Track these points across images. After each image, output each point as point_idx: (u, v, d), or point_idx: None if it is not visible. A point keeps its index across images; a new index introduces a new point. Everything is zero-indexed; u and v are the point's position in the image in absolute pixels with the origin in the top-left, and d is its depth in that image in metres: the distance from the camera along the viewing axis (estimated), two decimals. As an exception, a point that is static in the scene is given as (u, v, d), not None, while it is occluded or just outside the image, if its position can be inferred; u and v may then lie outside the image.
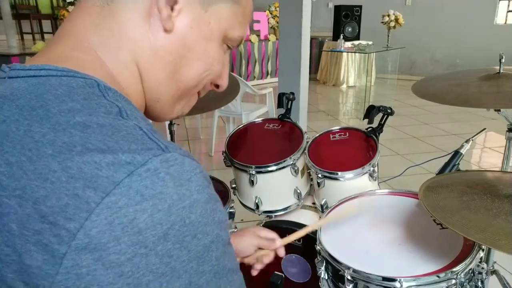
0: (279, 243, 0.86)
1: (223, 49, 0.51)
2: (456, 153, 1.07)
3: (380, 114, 1.22)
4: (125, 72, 0.45)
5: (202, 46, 0.47)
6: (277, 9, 6.54)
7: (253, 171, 1.17)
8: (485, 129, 1.19)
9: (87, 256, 0.28)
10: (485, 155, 3.46)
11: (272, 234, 0.87)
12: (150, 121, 0.49)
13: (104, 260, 0.29)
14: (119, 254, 0.29)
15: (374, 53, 5.05)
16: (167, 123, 1.78)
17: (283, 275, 1.17)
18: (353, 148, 1.25)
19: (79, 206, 0.29)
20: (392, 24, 5.09)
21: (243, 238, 0.85)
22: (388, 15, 5.10)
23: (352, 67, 6.47)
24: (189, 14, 0.45)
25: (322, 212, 1.17)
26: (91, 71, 0.41)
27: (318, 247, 0.93)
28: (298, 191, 1.22)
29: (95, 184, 0.30)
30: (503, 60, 1.11)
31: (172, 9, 0.44)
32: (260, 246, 0.86)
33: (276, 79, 6.04)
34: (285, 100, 1.37)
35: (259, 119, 1.44)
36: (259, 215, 1.25)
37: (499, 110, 1.10)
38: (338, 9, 5.65)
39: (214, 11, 0.47)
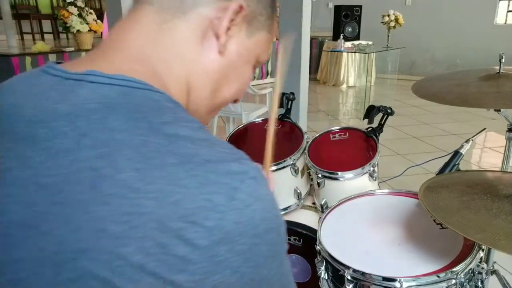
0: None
1: (252, 70, 0.58)
2: (456, 153, 1.07)
3: (380, 114, 1.23)
4: (177, 87, 0.49)
5: (241, 68, 0.54)
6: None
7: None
8: (485, 129, 1.19)
9: (223, 248, 0.36)
10: (485, 155, 3.46)
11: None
12: None
13: (234, 249, 0.36)
14: (243, 244, 0.37)
15: (374, 53, 5.05)
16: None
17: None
18: (353, 148, 1.25)
19: (213, 208, 0.35)
20: (392, 24, 5.09)
21: None
22: (388, 15, 5.10)
23: (352, 67, 6.47)
24: (237, 40, 0.51)
25: (322, 212, 1.17)
26: (154, 84, 0.44)
27: (318, 247, 0.93)
28: (298, 191, 1.22)
29: (221, 190, 0.36)
30: (503, 60, 1.11)
31: (226, 34, 0.49)
32: None
33: (276, 79, 6.03)
34: (285, 100, 1.37)
35: (259, 119, 1.44)
36: (259, 215, 1.25)
37: (499, 110, 1.10)
38: (338, 9, 5.65)
39: (255, 39, 0.53)
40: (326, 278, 0.91)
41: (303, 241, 1.14)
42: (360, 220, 1.00)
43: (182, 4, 0.48)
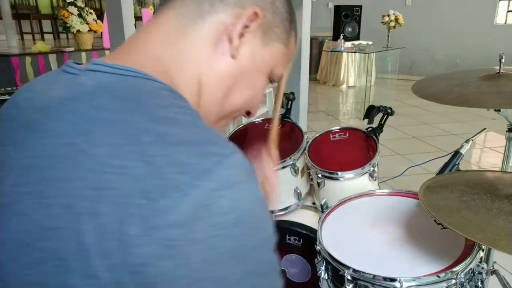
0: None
1: (266, 82, 0.58)
2: (456, 153, 1.07)
3: (380, 114, 1.23)
4: (189, 87, 0.50)
5: (254, 76, 0.55)
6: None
7: (253, 171, 1.17)
8: (485, 129, 1.19)
9: (176, 231, 0.33)
10: (485, 155, 3.46)
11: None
12: None
13: (189, 236, 0.33)
14: (200, 232, 0.34)
15: (374, 53, 5.05)
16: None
17: (283, 275, 1.18)
18: (353, 148, 1.25)
19: (175, 187, 0.34)
20: (392, 24, 5.08)
21: None
22: (388, 15, 5.09)
23: (352, 67, 6.47)
24: (251, 46, 0.52)
25: (322, 212, 1.17)
26: (162, 80, 0.46)
27: (318, 247, 0.93)
28: (298, 191, 1.22)
29: (189, 170, 0.35)
30: (503, 60, 1.11)
31: (240, 40, 0.51)
32: None
33: (276, 79, 6.03)
34: (285, 100, 1.37)
35: (259, 119, 1.44)
36: (259, 215, 1.25)
37: (499, 110, 1.10)
38: (338, 9, 5.65)
39: (270, 48, 0.54)
40: (326, 278, 0.91)
41: (303, 241, 1.14)
42: (360, 220, 1.00)
43: (200, 11, 0.50)
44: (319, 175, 1.15)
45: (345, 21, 5.58)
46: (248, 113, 0.61)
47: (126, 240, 0.33)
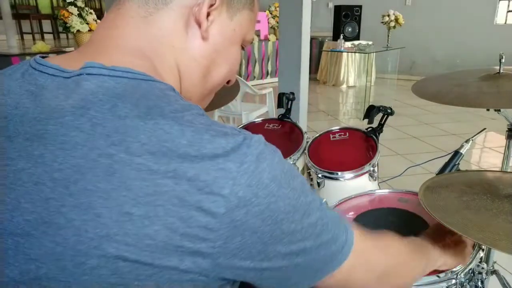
0: None
1: (240, 50, 0.59)
2: (456, 153, 1.07)
3: (380, 114, 1.23)
4: (171, 76, 0.51)
5: (228, 50, 0.55)
6: (277, 9, 6.54)
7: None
8: (485, 129, 1.19)
9: (240, 212, 0.38)
10: (485, 155, 3.46)
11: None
12: None
13: (251, 212, 0.39)
14: (259, 205, 0.39)
15: (374, 53, 5.04)
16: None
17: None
18: (353, 148, 1.25)
19: (226, 176, 0.38)
20: (392, 24, 5.08)
21: None
22: (388, 15, 5.09)
23: (352, 67, 6.47)
24: (219, 23, 0.52)
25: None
26: (153, 75, 0.46)
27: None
28: (298, 191, 1.22)
29: (231, 158, 0.39)
30: (503, 60, 1.11)
31: (207, 20, 0.51)
32: None
33: (276, 79, 6.04)
34: (285, 100, 1.37)
35: (259, 119, 1.44)
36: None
37: (499, 110, 1.10)
38: (338, 9, 5.65)
39: (238, 19, 0.54)
40: (326, 278, 0.91)
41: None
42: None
43: None
44: (319, 175, 1.15)
45: (345, 21, 5.57)
46: (227, 82, 0.61)
47: (195, 232, 0.37)
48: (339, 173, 1.14)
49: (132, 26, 0.49)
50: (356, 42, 5.51)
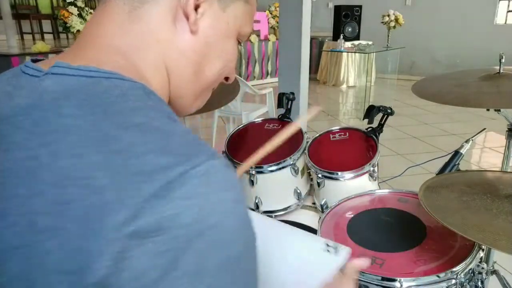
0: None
1: (237, 45, 0.55)
2: (456, 153, 1.07)
3: (380, 114, 1.23)
4: (156, 74, 0.48)
5: (221, 44, 0.52)
6: (277, 9, 6.54)
7: (253, 171, 1.17)
8: (485, 129, 1.19)
9: (133, 242, 0.31)
10: (485, 155, 3.46)
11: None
12: None
13: (145, 246, 0.31)
14: (161, 243, 0.31)
15: (374, 53, 5.04)
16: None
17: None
18: (353, 148, 1.25)
19: (137, 195, 0.32)
20: (392, 24, 5.08)
21: None
22: (388, 15, 5.09)
23: (352, 67, 6.47)
24: (210, 15, 0.49)
25: (322, 212, 1.17)
26: (129, 74, 0.43)
27: (318, 247, 0.92)
28: (298, 191, 1.22)
29: (152, 179, 0.33)
30: (503, 60, 1.11)
31: (196, 12, 0.47)
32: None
33: (276, 79, 6.04)
34: (285, 100, 1.37)
35: (259, 119, 1.44)
36: (259, 215, 1.25)
37: (499, 110, 1.10)
38: (338, 9, 5.65)
39: (231, 11, 0.51)
40: (326, 278, 0.91)
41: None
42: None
43: None
44: (319, 175, 1.15)
45: (345, 21, 5.58)
46: (226, 79, 0.58)
47: (86, 257, 0.31)
48: (339, 173, 1.14)
49: (115, 22, 0.47)
50: (356, 42, 5.51)
